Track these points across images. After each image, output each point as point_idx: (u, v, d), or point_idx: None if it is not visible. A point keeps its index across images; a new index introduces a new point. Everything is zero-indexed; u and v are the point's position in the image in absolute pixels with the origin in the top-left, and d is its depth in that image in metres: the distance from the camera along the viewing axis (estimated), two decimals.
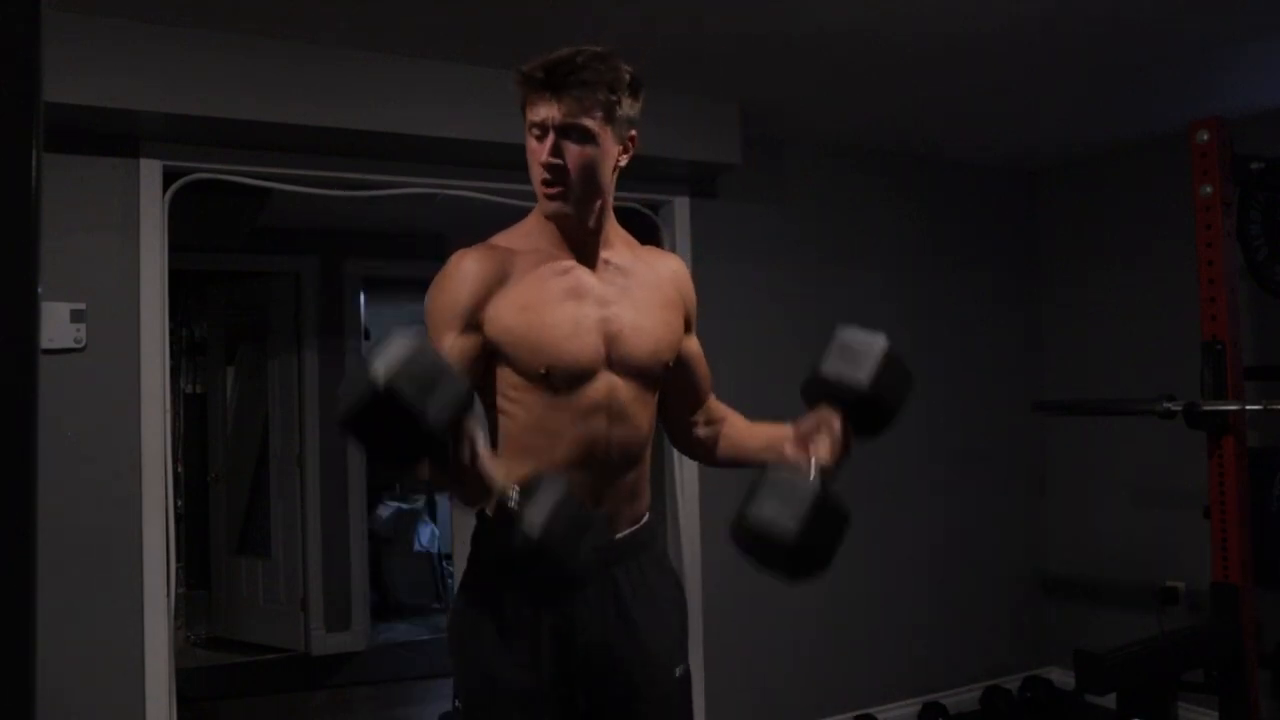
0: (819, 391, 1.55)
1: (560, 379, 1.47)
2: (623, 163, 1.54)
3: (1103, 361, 4.00)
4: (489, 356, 1.49)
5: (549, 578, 1.32)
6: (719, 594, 3.30)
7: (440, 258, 1.53)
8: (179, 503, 6.09)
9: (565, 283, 1.51)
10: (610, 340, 1.50)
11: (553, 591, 1.41)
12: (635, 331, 1.53)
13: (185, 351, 6.71)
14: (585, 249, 1.55)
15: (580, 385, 1.48)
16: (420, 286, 1.82)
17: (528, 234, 1.56)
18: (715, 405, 1.75)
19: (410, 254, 5.32)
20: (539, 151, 1.48)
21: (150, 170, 2.66)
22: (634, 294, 1.56)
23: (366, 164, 2.97)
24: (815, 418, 1.53)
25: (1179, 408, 2.84)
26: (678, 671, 1.58)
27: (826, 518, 1.38)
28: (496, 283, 1.48)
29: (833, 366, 1.55)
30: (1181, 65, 2.97)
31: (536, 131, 1.49)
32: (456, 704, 1.53)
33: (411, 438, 1.22)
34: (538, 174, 1.49)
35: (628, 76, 1.50)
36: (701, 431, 1.73)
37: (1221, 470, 2.81)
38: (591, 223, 1.54)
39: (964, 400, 4.02)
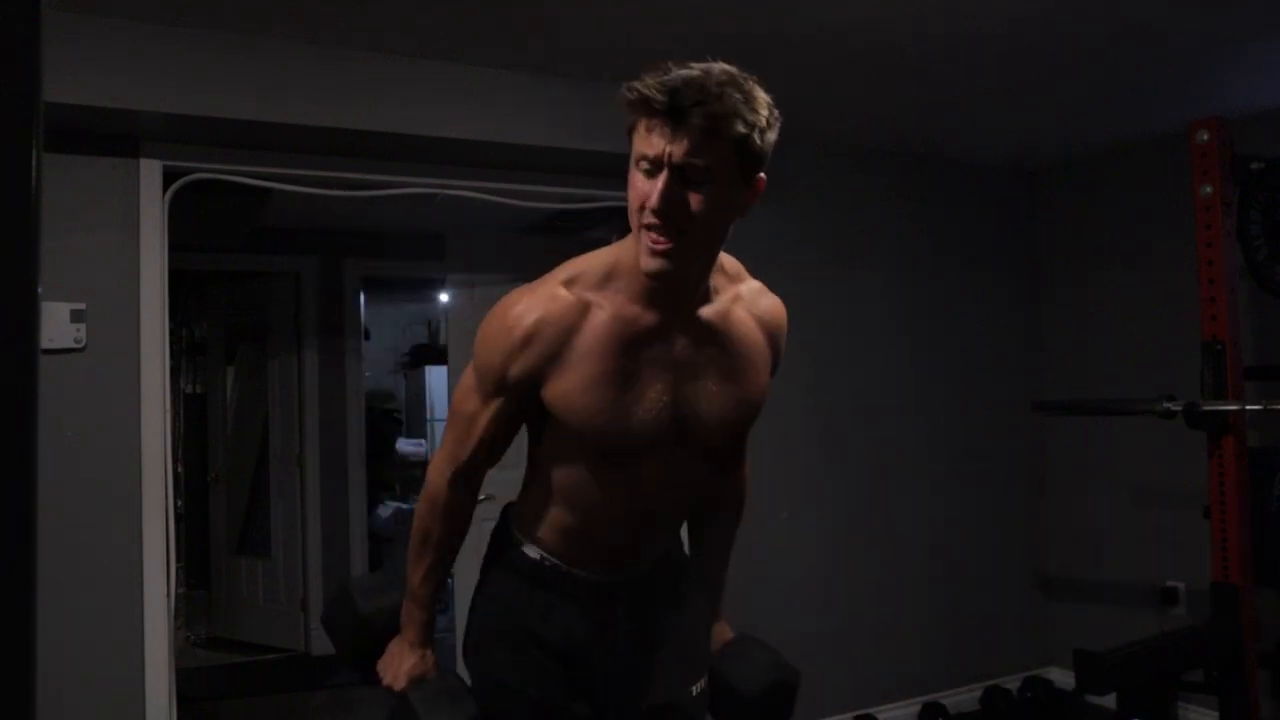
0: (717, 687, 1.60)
1: (619, 459, 1.36)
2: (745, 212, 1.29)
3: (1103, 361, 4.00)
4: (542, 410, 1.37)
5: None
6: None
7: (440, 258, 1.51)
8: (179, 503, 6.09)
9: (641, 356, 1.31)
10: (683, 420, 1.36)
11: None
12: (713, 413, 1.37)
13: (185, 351, 6.71)
14: (678, 307, 1.33)
15: (640, 461, 1.37)
16: (420, 286, 1.82)
17: (611, 274, 1.32)
18: (730, 479, 1.63)
19: (410, 254, 5.32)
20: (645, 191, 1.21)
21: (150, 170, 2.66)
22: (721, 360, 1.37)
23: (366, 164, 2.97)
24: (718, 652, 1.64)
25: (1179, 408, 2.84)
26: (695, 690, 1.54)
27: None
28: (559, 351, 1.29)
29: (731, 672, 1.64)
30: (1181, 65, 2.97)
31: (646, 166, 1.21)
32: None
33: None
34: (641, 219, 1.23)
35: (767, 107, 1.23)
36: (702, 502, 1.62)
37: (1221, 470, 2.81)
38: (694, 282, 1.32)
39: (964, 400, 4.02)
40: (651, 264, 1.23)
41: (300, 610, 5.09)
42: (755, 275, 1.54)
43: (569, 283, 1.32)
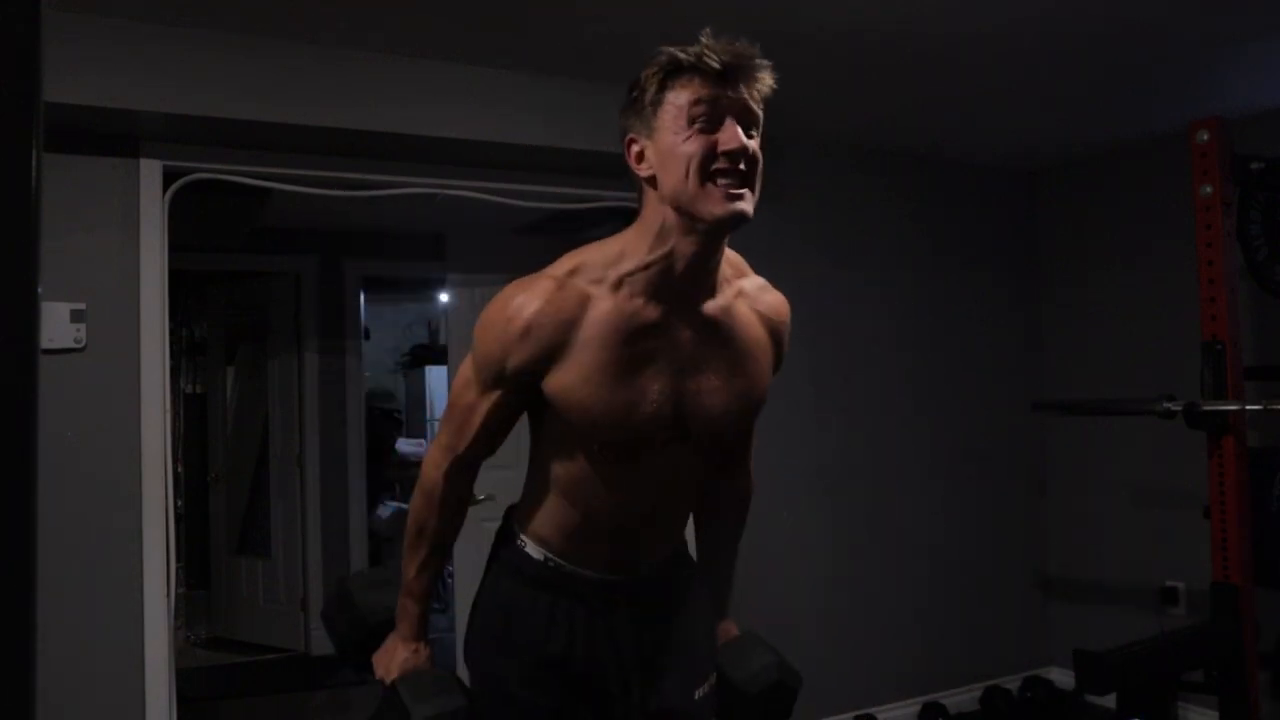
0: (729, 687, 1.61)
1: (621, 453, 1.35)
2: None
3: (1103, 361, 4.00)
4: (541, 403, 1.36)
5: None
6: None
7: (440, 258, 1.50)
8: (179, 503, 6.09)
9: (644, 347, 1.30)
10: (687, 414, 1.34)
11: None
12: (715, 408, 1.36)
13: (185, 351, 6.70)
14: (686, 294, 1.31)
15: (641, 456, 1.36)
16: (420, 286, 1.82)
17: (619, 268, 1.30)
18: (735, 477, 1.63)
19: (410, 254, 5.32)
20: (709, 142, 1.21)
21: (150, 170, 2.66)
22: (724, 354, 1.36)
23: (366, 164, 2.97)
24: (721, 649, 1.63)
25: (1179, 408, 2.84)
26: (698, 693, 1.53)
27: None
28: (559, 343, 1.27)
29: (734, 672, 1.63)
30: (1181, 65, 2.97)
31: (703, 112, 1.21)
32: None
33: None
34: (713, 166, 1.21)
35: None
36: (705, 500, 1.61)
37: (1221, 470, 2.81)
38: (714, 259, 1.31)
39: (964, 400, 4.02)
40: (732, 207, 1.22)
41: (300, 610, 5.09)
42: (754, 275, 1.54)
43: (570, 274, 1.31)
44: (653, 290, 1.29)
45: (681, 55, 1.23)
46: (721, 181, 1.22)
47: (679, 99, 1.23)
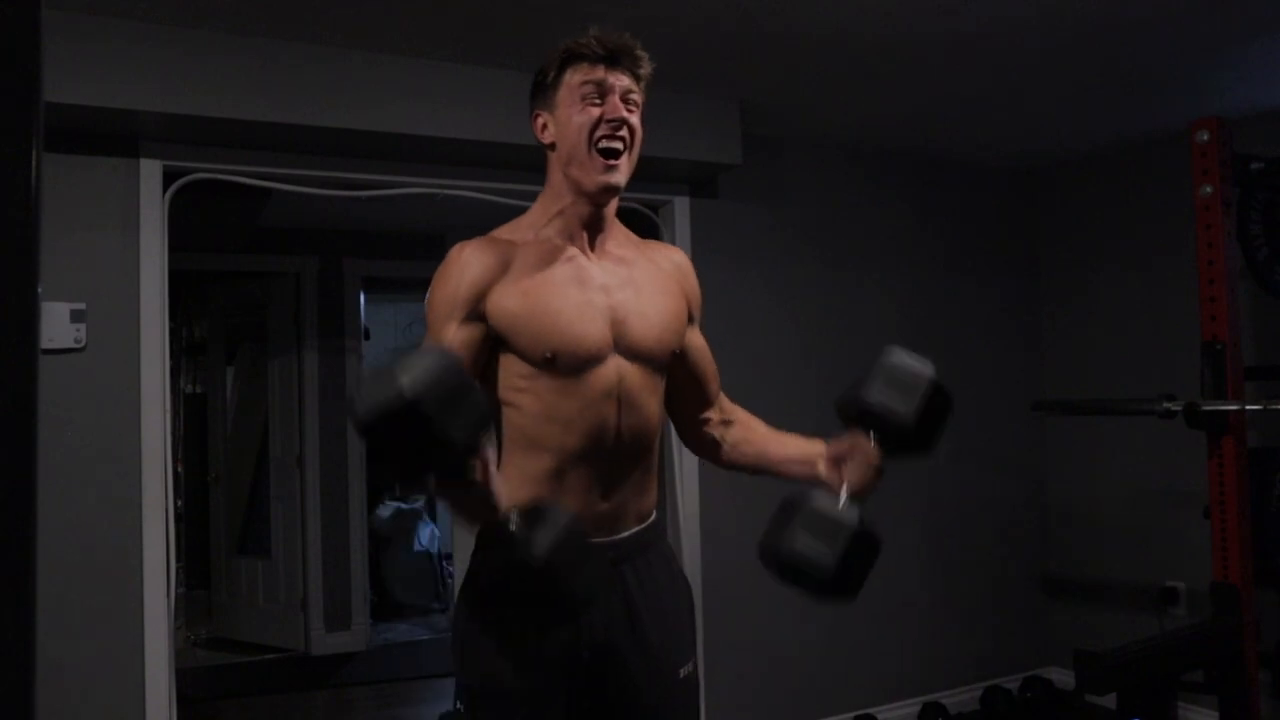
0: (858, 415, 1.49)
1: (567, 363, 1.44)
2: None
3: (1103, 361, 4.00)
4: (493, 346, 1.47)
5: (551, 604, 1.31)
6: (719, 594, 3.30)
7: (440, 258, 1.52)
8: (179, 503, 6.09)
9: (569, 270, 1.49)
10: (616, 325, 1.49)
11: (553, 617, 1.39)
12: (641, 317, 1.51)
13: (185, 351, 6.71)
14: (592, 239, 1.54)
15: (588, 370, 1.46)
16: (420, 286, 1.82)
17: (531, 225, 1.55)
18: (728, 405, 1.73)
19: (410, 254, 5.32)
20: (605, 108, 1.46)
21: (150, 170, 2.66)
22: (638, 282, 1.54)
23: (366, 164, 2.97)
24: (850, 441, 1.53)
25: (1179, 408, 2.84)
26: (682, 672, 1.56)
27: (862, 551, 1.44)
28: (499, 271, 1.46)
29: (878, 394, 1.46)
30: (1181, 65, 2.97)
31: (592, 90, 1.47)
32: (458, 705, 1.52)
33: (429, 454, 1.20)
34: (598, 133, 1.46)
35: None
36: (715, 430, 1.70)
37: (1221, 470, 2.81)
38: (607, 210, 1.54)
39: (964, 400, 3.99)
40: (606, 178, 1.46)
41: (300, 610, 5.09)
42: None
43: (495, 235, 1.54)
44: (563, 233, 1.52)
45: (576, 44, 1.49)
46: (601, 147, 1.45)
47: (573, 79, 1.48)
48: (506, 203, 3.19)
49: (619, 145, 1.46)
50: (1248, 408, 2.79)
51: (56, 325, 2.50)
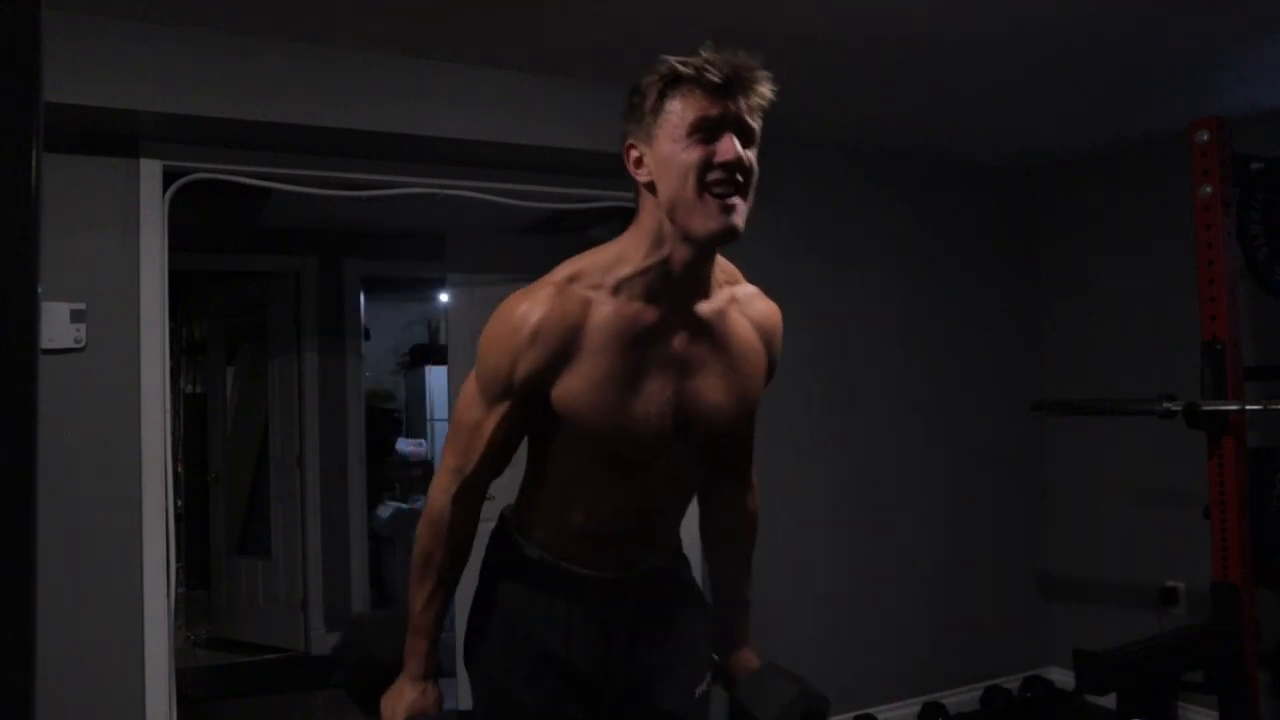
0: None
1: (628, 459, 1.36)
2: None
3: (1103, 361, 4.00)
4: (545, 411, 1.35)
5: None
6: None
7: (440, 257, 1.49)
8: (179, 503, 6.09)
9: (645, 353, 1.32)
10: (688, 411, 1.36)
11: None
12: (714, 407, 1.37)
13: (185, 351, 6.71)
14: (684, 296, 1.34)
15: (646, 460, 1.37)
16: (420, 286, 1.82)
17: (615, 272, 1.32)
18: (740, 493, 1.64)
19: (410, 254, 5.32)
20: (707, 152, 1.23)
21: (150, 170, 2.66)
22: (719, 356, 1.38)
23: (366, 164, 2.97)
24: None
25: (1179, 408, 2.84)
26: (697, 692, 1.54)
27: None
28: (564, 351, 1.29)
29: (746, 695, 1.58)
30: (1181, 65, 2.97)
31: (705, 128, 1.23)
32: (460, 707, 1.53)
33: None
34: (709, 176, 1.24)
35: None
36: (712, 495, 1.63)
37: (1221, 470, 2.81)
38: (708, 264, 1.35)
39: (964, 400, 4.02)
40: (724, 221, 1.24)
41: (300, 610, 5.09)
42: (754, 275, 1.54)
43: (570, 280, 1.32)
44: (650, 293, 1.32)
45: (682, 67, 1.25)
46: (716, 191, 1.24)
47: (678, 109, 1.25)
48: (506, 203, 3.20)
49: (733, 190, 1.25)
50: (1248, 408, 2.79)
51: (56, 325, 2.50)
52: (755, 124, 1.27)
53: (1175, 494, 3.62)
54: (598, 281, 1.32)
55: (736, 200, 1.26)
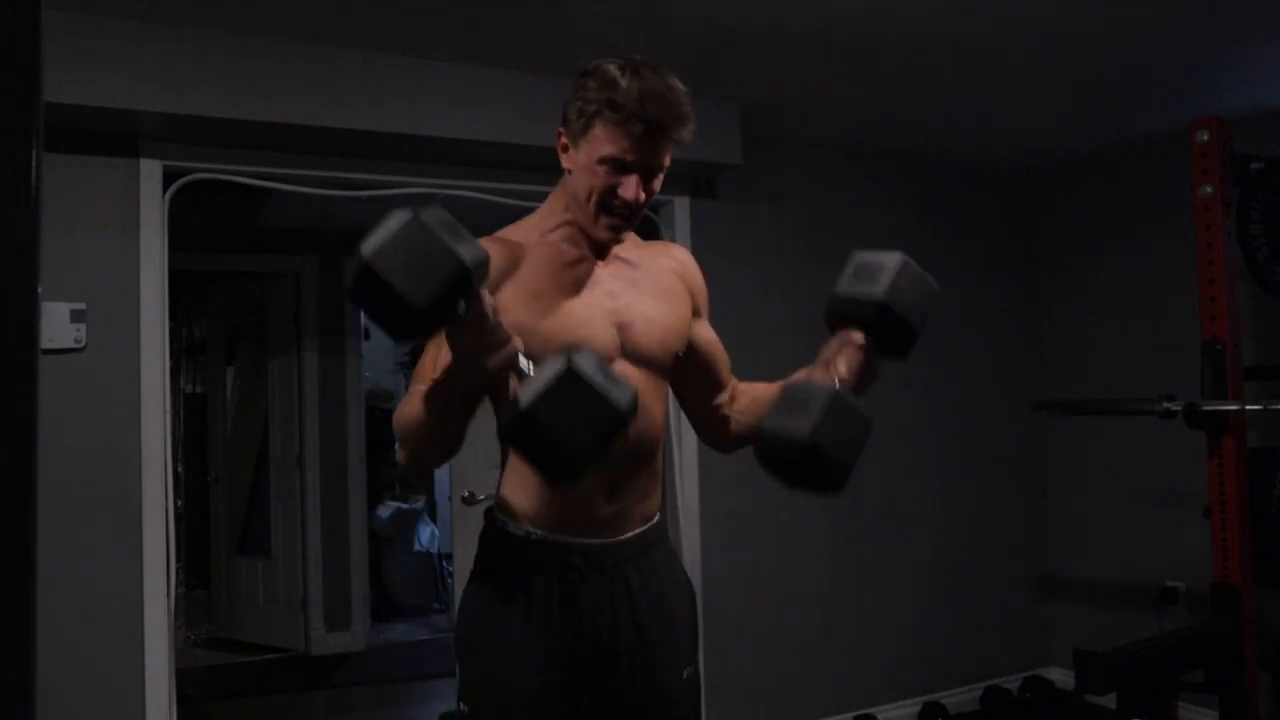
0: (836, 312, 1.54)
1: None
2: None
3: (1103, 361, 4.00)
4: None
5: (560, 459, 1.20)
6: (719, 593, 3.30)
7: None
8: (179, 503, 6.09)
9: (576, 274, 1.49)
10: (622, 330, 1.49)
11: (560, 472, 1.23)
12: (646, 321, 1.51)
13: (185, 351, 6.71)
14: (600, 248, 1.53)
15: None
16: None
17: (537, 227, 1.53)
18: (735, 384, 1.74)
19: None
20: (610, 184, 1.42)
21: (150, 170, 2.66)
22: (641, 286, 1.54)
23: (366, 164, 2.97)
24: (836, 340, 1.55)
25: (1179, 408, 2.84)
26: (685, 674, 1.57)
27: (843, 420, 1.34)
28: (505, 273, 1.43)
29: (847, 285, 1.53)
30: (1181, 65, 2.97)
31: (613, 167, 1.41)
32: (461, 706, 1.52)
33: (397, 316, 1.17)
34: (606, 203, 1.43)
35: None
36: (725, 409, 1.70)
37: (1221, 470, 2.81)
38: None
39: (964, 400, 4.02)
40: (609, 235, 1.47)
41: (300, 610, 5.09)
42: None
43: (503, 236, 1.50)
44: (571, 239, 1.51)
45: (619, 97, 1.38)
46: (606, 219, 1.44)
47: (601, 138, 1.40)
48: (506, 203, 3.20)
49: (623, 221, 1.45)
50: (1248, 408, 2.79)
51: (56, 325, 2.50)
52: (666, 160, 1.46)
53: (1175, 494, 3.62)
54: (524, 237, 1.51)
55: (621, 225, 1.46)
